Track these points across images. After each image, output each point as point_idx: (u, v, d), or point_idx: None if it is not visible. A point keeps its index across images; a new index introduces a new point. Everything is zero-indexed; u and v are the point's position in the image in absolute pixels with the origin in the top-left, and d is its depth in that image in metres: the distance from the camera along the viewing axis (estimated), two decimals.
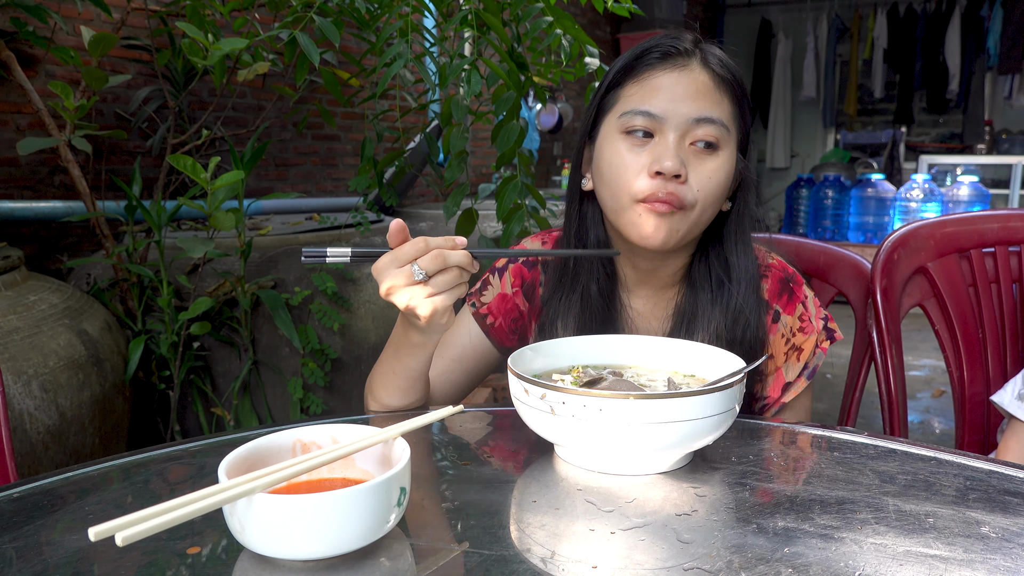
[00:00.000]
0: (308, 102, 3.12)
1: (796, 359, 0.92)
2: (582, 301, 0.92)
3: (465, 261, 0.72)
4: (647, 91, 0.85)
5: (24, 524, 0.59)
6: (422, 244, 0.71)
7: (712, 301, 0.90)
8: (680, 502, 0.61)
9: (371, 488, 0.51)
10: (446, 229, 3.00)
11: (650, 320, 0.96)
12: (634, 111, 0.84)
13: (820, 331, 0.93)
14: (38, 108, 1.78)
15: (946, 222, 1.31)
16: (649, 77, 0.85)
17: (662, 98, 0.84)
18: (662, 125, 0.84)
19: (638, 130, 0.84)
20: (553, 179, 5.37)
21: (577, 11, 5.39)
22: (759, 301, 0.91)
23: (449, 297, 0.72)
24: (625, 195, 0.84)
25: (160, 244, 1.80)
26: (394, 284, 0.71)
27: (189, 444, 0.76)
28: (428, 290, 0.71)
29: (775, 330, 0.92)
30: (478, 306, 1.01)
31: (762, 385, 0.93)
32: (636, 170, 0.84)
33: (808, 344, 0.92)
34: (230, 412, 1.96)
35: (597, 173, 0.89)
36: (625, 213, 0.85)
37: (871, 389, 1.27)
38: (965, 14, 6.89)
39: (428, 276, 0.71)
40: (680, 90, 0.84)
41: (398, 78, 1.81)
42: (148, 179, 2.56)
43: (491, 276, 1.02)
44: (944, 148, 7.25)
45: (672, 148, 0.83)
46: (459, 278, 0.72)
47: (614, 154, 0.86)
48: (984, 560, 0.52)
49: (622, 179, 0.84)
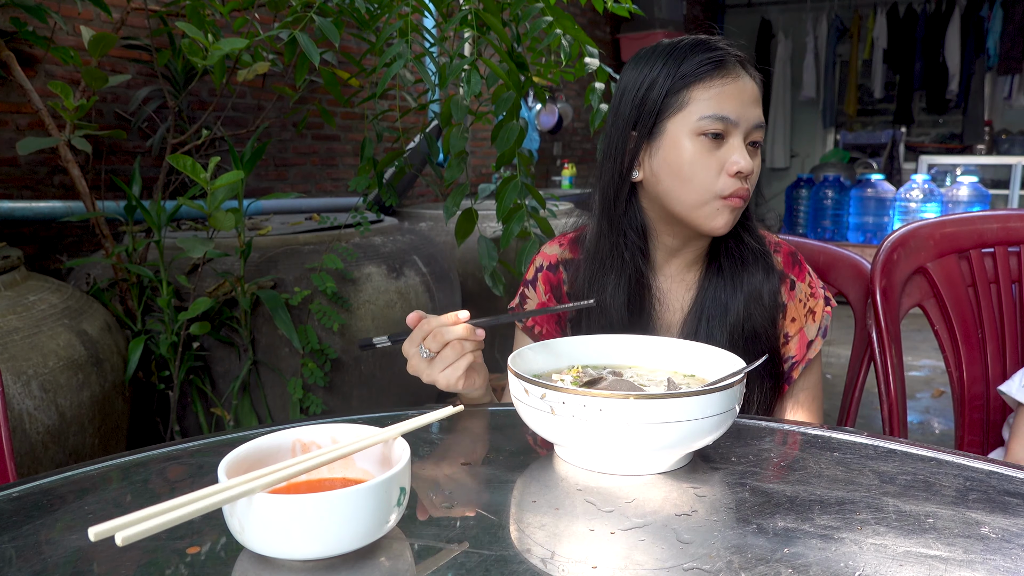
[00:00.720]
0: (308, 102, 3.12)
1: (812, 320, 1.04)
2: (629, 282, 1.00)
3: (464, 334, 0.83)
4: (720, 97, 0.93)
5: (23, 524, 0.59)
6: (426, 326, 0.84)
7: (734, 273, 1.01)
8: (680, 502, 0.61)
9: (371, 488, 0.51)
10: (446, 229, 3.00)
11: (674, 297, 1.05)
12: (714, 116, 0.93)
13: (822, 297, 1.05)
14: (38, 108, 1.78)
15: (946, 222, 1.31)
16: (717, 83, 0.94)
17: (735, 104, 0.93)
18: (735, 129, 0.93)
19: (715, 132, 0.93)
20: (553, 179, 5.37)
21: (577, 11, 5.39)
22: (771, 268, 1.02)
23: (456, 368, 0.84)
24: (707, 192, 0.94)
25: (160, 244, 1.80)
26: (412, 363, 0.85)
27: (189, 444, 0.76)
28: (437, 365, 0.84)
29: (793, 297, 1.04)
30: (523, 320, 1.10)
31: (788, 347, 1.03)
32: (716, 169, 0.93)
33: (819, 307, 1.04)
34: (230, 412, 1.96)
35: (666, 169, 0.96)
36: (704, 207, 0.94)
37: (871, 389, 1.27)
38: (965, 14, 6.88)
39: (434, 354, 0.84)
40: (746, 97, 0.94)
41: (398, 78, 1.81)
42: (148, 179, 2.56)
43: (526, 289, 1.11)
44: (944, 148, 7.26)
45: (743, 150, 0.93)
46: (460, 350, 0.84)
47: (694, 154, 0.94)
48: (984, 561, 0.52)
49: (705, 177, 0.93)
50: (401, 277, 2.23)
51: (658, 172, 0.97)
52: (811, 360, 1.04)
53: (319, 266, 2.02)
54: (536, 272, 1.09)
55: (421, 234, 2.58)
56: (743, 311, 0.98)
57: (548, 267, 1.09)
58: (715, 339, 0.98)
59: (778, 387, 1.03)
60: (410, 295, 2.23)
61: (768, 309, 1.00)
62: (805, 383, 1.05)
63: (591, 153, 5.94)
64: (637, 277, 1.00)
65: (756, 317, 0.99)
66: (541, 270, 1.09)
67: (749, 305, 0.99)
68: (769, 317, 1.00)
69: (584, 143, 5.87)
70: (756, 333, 0.99)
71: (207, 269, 1.97)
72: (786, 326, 1.03)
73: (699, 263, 1.04)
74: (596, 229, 1.03)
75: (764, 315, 0.99)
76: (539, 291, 1.09)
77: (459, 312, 0.85)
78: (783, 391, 1.04)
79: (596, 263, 1.02)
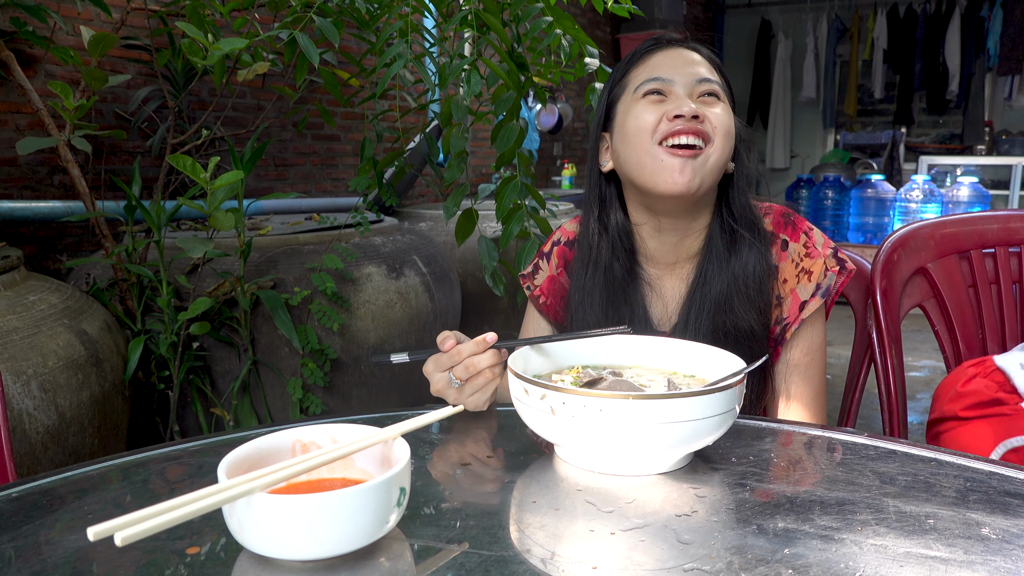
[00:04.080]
0: (308, 102, 3.12)
1: (808, 280, 1.00)
2: (605, 279, 1.02)
3: (493, 360, 0.83)
4: (652, 66, 0.99)
5: (23, 524, 0.59)
6: (457, 356, 0.83)
7: (726, 253, 1.00)
8: (680, 503, 0.61)
9: (371, 488, 0.51)
10: (446, 229, 3.00)
11: (673, 284, 1.05)
12: (646, 80, 0.97)
13: (828, 257, 1.00)
14: (37, 108, 1.78)
15: (946, 223, 1.31)
16: (650, 58, 1.00)
17: (666, 67, 0.98)
18: (671, 86, 0.96)
19: (652, 91, 0.96)
20: (553, 179, 5.37)
21: (577, 11, 5.39)
22: (762, 239, 1.00)
23: (484, 393, 0.85)
24: (647, 140, 0.94)
25: (160, 244, 1.80)
26: (438, 387, 0.85)
27: (188, 444, 0.76)
28: (466, 391, 0.84)
29: (784, 257, 1.01)
30: (532, 289, 1.14)
31: (780, 310, 1.01)
32: (656, 119, 0.95)
33: (816, 267, 1.00)
34: (229, 412, 1.96)
35: (621, 139, 0.99)
36: (649, 160, 0.94)
37: (871, 390, 1.27)
38: (965, 15, 6.88)
39: (462, 382, 0.83)
40: (680, 61, 0.98)
41: (398, 78, 1.81)
42: (148, 179, 2.56)
43: (540, 260, 1.15)
44: (944, 149, 7.25)
45: (685, 99, 0.95)
46: (490, 377, 0.84)
47: (635, 115, 0.96)
48: (984, 562, 0.52)
49: (645, 128, 0.95)
50: (401, 277, 2.23)
51: (617, 149, 1.01)
52: (804, 321, 0.99)
53: (319, 266, 2.01)
54: (553, 246, 1.13)
55: (421, 234, 2.58)
56: (725, 303, 0.97)
57: (565, 243, 1.12)
58: (701, 331, 0.97)
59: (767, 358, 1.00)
60: (410, 295, 2.23)
61: (754, 296, 0.97)
62: (799, 346, 1.00)
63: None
64: (620, 267, 1.02)
65: (740, 305, 0.97)
66: (558, 244, 1.13)
67: (733, 292, 0.97)
68: (756, 304, 0.97)
69: (584, 143, 5.87)
70: (742, 321, 0.97)
71: (207, 269, 1.97)
72: (777, 288, 1.00)
73: (697, 248, 1.04)
74: (583, 227, 1.08)
75: (749, 303, 0.97)
76: (552, 264, 1.13)
77: (487, 335, 0.84)
78: (777, 355, 1.00)
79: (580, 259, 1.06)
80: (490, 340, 0.84)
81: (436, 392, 0.85)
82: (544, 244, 1.15)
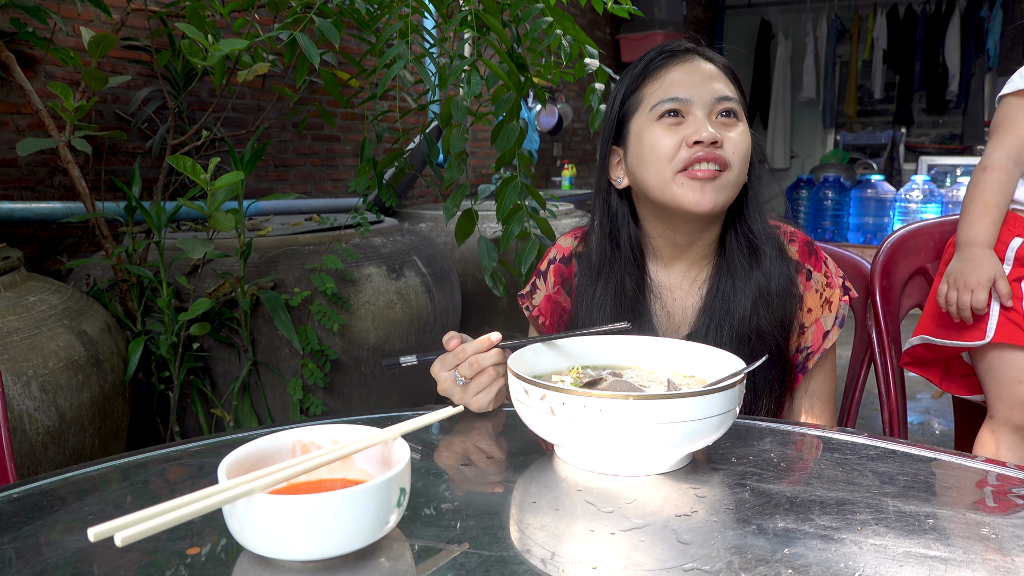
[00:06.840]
0: (308, 103, 3.12)
1: (829, 310, 1.02)
2: (616, 293, 1.01)
3: (497, 360, 0.84)
4: (668, 84, 0.97)
5: (23, 524, 0.59)
6: (462, 354, 0.84)
7: (746, 266, 1.00)
8: (680, 503, 0.61)
9: (371, 489, 0.51)
10: (446, 230, 3.00)
11: (683, 295, 1.04)
12: (663, 100, 0.96)
13: (839, 286, 1.03)
14: (38, 109, 1.78)
15: (946, 223, 1.31)
16: (665, 73, 0.98)
17: (683, 85, 0.96)
18: (690, 107, 0.95)
19: (669, 111, 0.95)
20: (553, 180, 5.37)
21: (577, 12, 5.39)
22: (786, 259, 1.01)
23: (488, 393, 0.84)
24: (668, 168, 0.94)
25: (160, 245, 1.80)
26: (444, 386, 0.85)
27: (189, 445, 0.76)
28: (471, 390, 0.84)
29: (809, 287, 1.03)
30: (531, 309, 1.13)
31: (804, 338, 1.02)
32: (675, 145, 0.94)
33: (835, 297, 1.02)
34: (230, 413, 1.96)
35: (637, 161, 0.98)
36: (670, 186, 0.95)
37: (871, 390, 1.27)
38: (965, 15, 6.88)
39: (467, 380, 0.84)
40: (696, 77, 0.96)
41: (398, 79, 1.81)
42: (148, 180, 2.56)
43: (537, 279, 1.13)
44: (944, 149, 7.25)
45: (704, 122, 0.94)
46: (494, 376, 0.84)
47: (653, 137, 0.96)
48: (984, 561, 0.52)
49: (664, 154, 0.94)
50: (401, 278, 2.23)
51: (633, 169, 1.00)
52: (826, 351, 1.03)
53: (319, 267, 2.01)
54: (549, 264, 1.12)
55: (421, 235, 2.58)
56: (750, 311, 0.97)
57: (561, 259, 1.11)
58: (723, 339, 0.97)
59: (790, 381, 1.03)
60: (410, 296, 2.23)
61: (776, 309, 0.98)
62: (819, 375, 1.04)
63: (591, 154, 5.94)
64: (631, 281, 1.01)
65: (763, 317, 0.97)
66: (554, 262, 1.12)
67: (756, 304, 0.98)
68: (777, 317, 0.98)
69: (584, 144, 5.87)
70: (763, 333, 0.97)
71: (207, 270, 1.97)
72: (803, 317, 1.02)
73: (709, 259, 1.04)
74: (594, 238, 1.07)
75: (771, 315, 0.98)
76: (548, 283, 1.11)
77: (491, 335, 0.85)
78: (797, 381, 1.03)
79: (588, 271, 1.05)
80: (494, 339, 0.85)
81: (442, 391, 0.86)
82: (540, 262, 1.14)
